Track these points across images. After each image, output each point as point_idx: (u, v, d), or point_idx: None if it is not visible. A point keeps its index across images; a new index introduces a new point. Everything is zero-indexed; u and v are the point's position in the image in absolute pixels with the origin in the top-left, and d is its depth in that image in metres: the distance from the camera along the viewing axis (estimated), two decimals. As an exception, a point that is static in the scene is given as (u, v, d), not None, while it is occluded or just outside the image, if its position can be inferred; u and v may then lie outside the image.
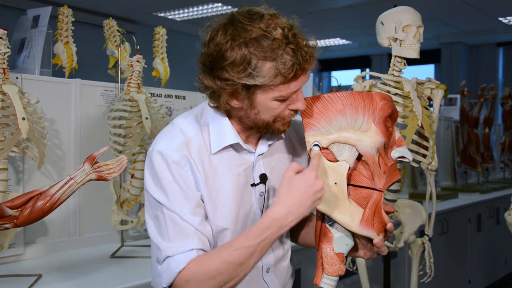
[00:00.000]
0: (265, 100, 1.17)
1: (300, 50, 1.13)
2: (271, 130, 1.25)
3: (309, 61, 1.15)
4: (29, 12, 2.36)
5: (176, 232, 1.20)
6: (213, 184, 1.25)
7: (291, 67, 1.11)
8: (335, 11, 7.51)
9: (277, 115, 1.21)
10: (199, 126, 1.28)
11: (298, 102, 1.20)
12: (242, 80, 1.13)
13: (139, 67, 2.22)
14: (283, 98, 1.17)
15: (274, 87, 1.14)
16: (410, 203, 2.26)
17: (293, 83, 1.15)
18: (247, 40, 1.11)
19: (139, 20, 7.89)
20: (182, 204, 1.21)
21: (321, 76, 11.22)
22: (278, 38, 1.11)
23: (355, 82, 2.14)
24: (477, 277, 4.26)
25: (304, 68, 1.14)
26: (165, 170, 1.22)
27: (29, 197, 1.51)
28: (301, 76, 1.15)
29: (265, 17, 1.14)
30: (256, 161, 1.31)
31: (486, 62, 10.04)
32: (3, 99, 1.77)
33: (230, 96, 1.18)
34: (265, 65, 1.11)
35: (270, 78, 1.12)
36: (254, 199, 1.31)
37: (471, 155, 4.80)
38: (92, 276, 1.89)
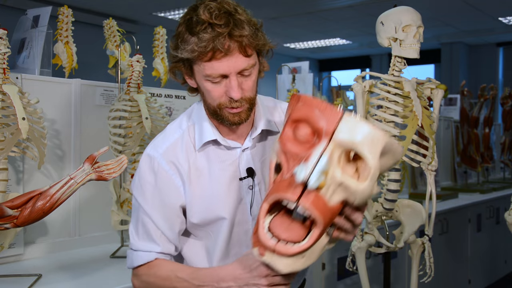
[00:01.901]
0: (200, 79, 1.23)
1: (221, 32, 1.16)
2: (222, 119, 1.27)
3: (229, 43, 1.17)
4: (29, 12, 2.36)
5: (144, 233, 1.33)
6: (200, 180, 1.31)
7: (206, 43, 1.16)
8: (335, 11, 7.51)
9: (217, 99, 1.24)
10: (187, 125, 1.35)
11: (231, 89, 1.21)
12: (176, 52, 1.23)
13: (139, 67, 2.22)
14: (210, 78, 1.20)
15: (198, 64, 1.20)
16: (410, 203, 2.25)
17: (215, 63, 1.18)
18: (188, 19, 1.20)
19: (139, 20, 7.89)
20: (157, 210, 1.31)
21: (321, 76, 11.22)
22: (203, 18, 1.17)
23: (355, 82, 2.14)
24: (477, 277, 4.25)
25: (223, 50, 1.16)
26: (148, 173, 1.31)
27: (29, 197, 1.51)
28: (223, 58, 1.18)
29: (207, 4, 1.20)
30: (242, 155, 1.33)
31: (486, 62, 10.04)
32: (3, 99, 1.77)
33: (179, 72, 1.28)
34: (189, 39, 1.19)
35: (190, 51, 1.18)
36: (244, 193, 1.34)
37: (471, 155, 4.80)
38: (92, 276, 1.89)
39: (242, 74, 1.22)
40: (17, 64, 2.30)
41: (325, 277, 2.71)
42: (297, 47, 10.26)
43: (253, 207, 1.33)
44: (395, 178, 2.16)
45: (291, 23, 8.16)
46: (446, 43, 9.86)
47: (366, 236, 2.24)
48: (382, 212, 2.23)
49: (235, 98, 1.22)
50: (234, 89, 1.21)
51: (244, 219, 1.34)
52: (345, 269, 2.43)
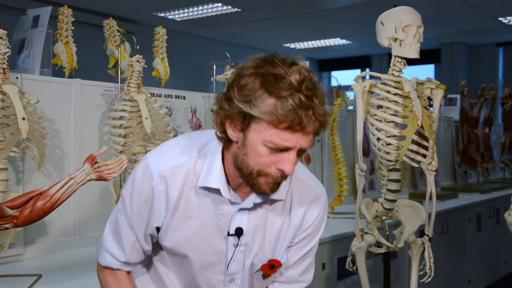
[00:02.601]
0: (255, 140, 1.12)
1: (308, 105, 1.07)
2: (252, 184, 1.18)
3: (313, 121, 1.08)
4: (29, 12, 2.36)
5: (117, 235, 1.32)
6: (183, 212, 1.27)
7: (289, 112, 1.06)
8: (335, 11, 7.51)
9: (262, 166, 1.15)
10: (197, 154, 1.27)
11: (286, 162, 1.13)
12: (241, 104, 1.10)
13: (139, 67, 2.22)
14: (272, 145, 1.10)
15: (267, 126, 1.09)
16: (410, 203, 2.26)
17: (287, 134, 1.09)
18: (266, 73, 1.10)
19: (139, 20, 7.89)
20: (136, 217, 1.29)
21: (321, 76, 11.22)
22: (292, 82, 1.08)
23: (355, 82, 2.14)
24: (477, 277, 4.25)
25: (303, 124, 1.08)
26: (140, 183, 1.27)
27: (29, 197, 1.51)
28: (298, 132, 1.09)
29: (295, 65, 1.11)
30: (238, 213, 1.28)
31: (486, 62, 10.03)
32: (3, 99, 1.77)
33: (227, 120, 1.15)
34: (268, 99, 1.08)
35: (265, 113, 1.08)
36: (226, 247, 1.31)
37: (471, 155, 4.80)
38: (92, 276, 1.89)
39: (301, 151, 1.14)
40: (17, 64, 2.30)
41: (325, 277, 2.71)
42: (297, 47, 10.26)
43: (231, 263, 1.32)
44: (395, 178, 2.16)
45: (291, 23, 8.16)
46: (446, 43, 9.85)
47: (366, 236, 2.24)
48: (382, 212, 2.23)
49: (287, 173, 1.14)
50: (291, 165, 1.13)
51: (219, 269, 1.34)
52: (345, 269, 2.43)
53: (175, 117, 2.69)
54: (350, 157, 3.78)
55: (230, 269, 1.33)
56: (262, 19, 7.87)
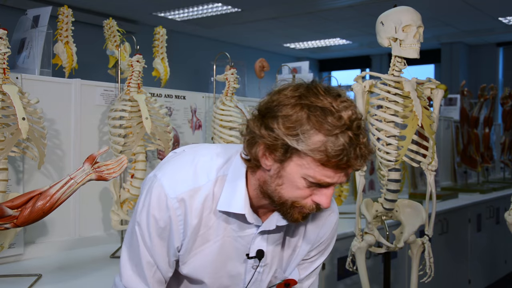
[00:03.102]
0: (294, 173, 1.07)
1: (357, 143, 1.04)
2: (284, 213, 1.15)
3: (359, 159, 1.05)
4: (29, 12, 2.36)
5: (138, 267, 1.23)
6: (201, 236, 1.22)
7: (339, 151, 1.02)
8: (335, 11, 7.51)
9: (298, 198, 1.11)
10: (216, 175, 1.20)
11: (324, 197, 1.10)
12: (286, 137, 1.04)
13: (139, 67, 2.22)
14: (313, 180, 1.06)
15: (310, 162, 1.04)
16: (410, 203, 2.26)
17: (331, 171, 1.05)
18: (312, 105, 1.04)
19: (139, 20, 7.89)
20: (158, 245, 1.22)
21: (321, 76, 11.22)
22: (343, 118, 1.03)
23: (355, 82, 2.14)
24: (477, 277, 4.25)
25: (350, 163, 1.04)
26: (157, 209, 1.19)
27: (29, 197, 1.51)
28: (343, 170, 1.06)
29: (341, 97, 1.07)
30: (258, 235, 1.24)
31: (486, 62, 10.03)
32: (3, 99, 1.77)
33: (266, 150, 1.09)
34: (316, 135, 1.03)
35: (313, 150, 1.02)
36: (244, 269, 1.28)
37: (471, 155, 4.80)
38: (92, 276, 1.89)
39: None
40: (17, 64, 2.30)
41: (325, 277, 2.71)
42: (297, 47, 10.26)
43: (249, 286, 1.29)
44: (395, 178, 2.16)
45: (291, 23, 8.16)
46: (446, 43, 9.86)
47: (366, 236, 2.24)
48: (382, 212, 2.23)
49: (324, 207, 1.12)
50: (328, 199, 1.10)
51: None
52: (345, 269, 2.43)
53: (175, 117, 2.69)
54: (350, 157, 3.77)
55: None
56: (262, 19, 7.87)
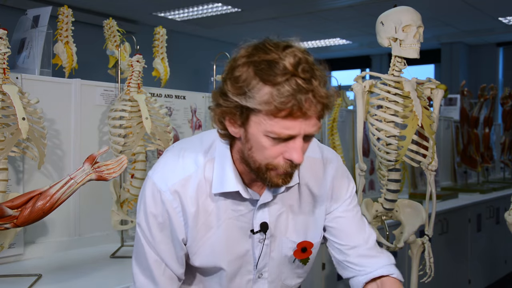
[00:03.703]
0: (257, 133, 1.06)
1: (308, 88, 1.01)
2: (263, 179, 1.13)
3: (314, 104, 1.02)
4: (29, 12, 2.36)
5: (147, 268, 1.24)
6: (203, 223, 1.23)
7: (287, 99, 1.00)
8: (335, 11, 7.51)
9: (269, 159, 1.09)
10: (204, 160, 1.21)
11: (293, 151, 1.06)
12: (236, 97, 1.05)
13: (139, 67, 2.22)
14: (274, 135, 1.04)
15: (266, 117, 1.03)
16: (410, 203, 2.25)
17: (288, 122, 1.02)
18: (259, 60, 1.04)
19: (139, 20, 7.89)
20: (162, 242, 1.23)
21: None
22: (286, 66, 1.01)
23: (355, 82, 2.14)
24: (477, 277, 4.25)
25: (304, 109, 1.01)
26: (153, 206, 1.21)
27: (29, 197, 1.51)
28: (299, 118, 1.02)
29: (291, 48, 1.05)
30: (258, 209, 1.24)
31: (486, 62, 10.03)
32: (3, 99, 1.77)
33: (228, 117, 1.10)
34: (263, 89, 1.02)
35: (262, 103, 1.01)
36: (251, 245, 1.27)
37: (471, 155, 4.80)
38: (92, 276, 1.89)
39: (307, 136, 1.08)
40: (17, 64, 2.30)
41: (325, 277, 2.71)
42: (297, 47, 10.26)
43: (260, 260, 1.28)
44: (395, 178, 2.16)
45: (291, 23, 8.15)
46: (446, 43, 9.85)
47: (366, 236, 2.24)
48: (382, 212, 2.23)
49: (296, 162, 1.07)
50: (298, 152, 1.06)
51: (247, 270, 1.29)
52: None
53: (175, 117, 2.69)
54: (350, 157, 3.78)
55: (259, 266, 1.28)
56: (262, 19, 7.86)
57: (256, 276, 1.30)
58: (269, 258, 1.29)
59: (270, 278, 1.31)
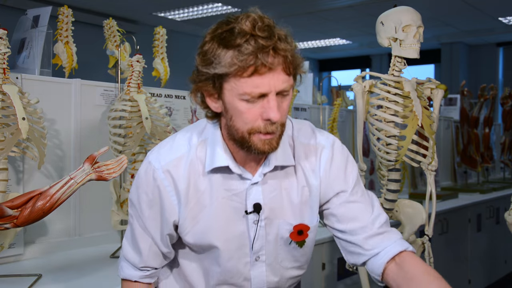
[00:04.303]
0: (232, 99, 1.12)
1: (266, 45, 1.07)
2: (248, 147, 1.16)
3: (275, 58, 1.08)
4: (29, 12, 2.36)
5: (133, 241, 1.33)
6: (199, 203, 1.25)
7: (249, 57, 1.06)
8: (335, 11, 7.51)
9: (249, 123, 1.13)
10: (197, 141, 1.26)
11: (269, 110, 1.10)
12: (206, 68, 1.12)
13: (139, 67, 2.22)
14: (247, 96, 1.10)
15: (235, 80, 1.09)
16: (410, 203, 2.25)
17: (256, 79, 1.08)
18: (221, 31, 1.11)
19: (139, 20, 7.89)
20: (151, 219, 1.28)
21: (321, 76, 11.22)
22: (244, 29, 1.08)
23: (355, 82, 2.14)
24: (477, 277, 4.25)
25: (268, 64, 1.07)
26: (145, 182, 1.27)
27: (29, 197, 1.51)
28: (266, 74, 1.08)
29: (248, 14, 1.12)
30: (251, 189, 1.26)
31: (486, 62, 10.04)
32: (3, 99, 1.77)
33: (205, 93, 1.17)
34: (226, 54, 1.09)
35: (227, 66, 1.08)
36: (246, 226, 1.28)
37: (471, 155, 4.80)
38: (92, 276, 1.89)
39: (281, 94, 1.12)
40: (17, 64, 2.30)
41: (325, 277, 2.71)
42: (297, 47, 10.26)
43: (255, 242, 1.28)
44: (395, 178, 2.16)
45: (291, 23, 8.09)
46: (446, 43, 9.86)
47: (366, 236, 2.24)
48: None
49: (273, 119, 1.11)
50: (274, 109, 1.10)
51: (244, 252, 1.30)
52: (345, 269, 2.43)
53: (175, 117, 2.69)
54: (350, 157, 3.77)
55: (255, 248, 1.29)
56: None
57: (254, 259, 1.31)
58: (266, 241, 1.30)
59: (268, 261, 1.32)
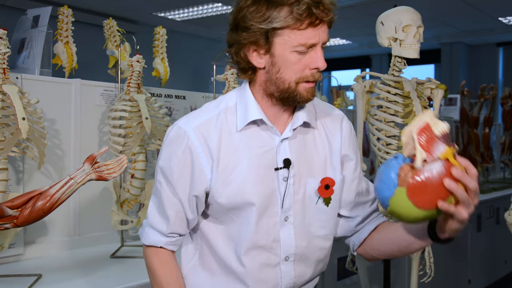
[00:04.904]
0: (284, 51, 1.20)
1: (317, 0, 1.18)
2: (293, 96, 1.25)
3: (325, 11, 1.19)
4: (29, 12, 2.36)
5: (160, 207, 1.33)
6: (232, 161, 1.28)
7: (306, 8, 1.16)
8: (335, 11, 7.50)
9: (298, 73, 1.22)
10: (225, 106, 1.32)
11: (317, 59, 1.22)
12: (261, 24, 1.19)
13: (139, 67, 2.22)
14: (301, 48, 1.19)
15: (290, 33, 1.18)
16: (410, 203, 2.25)
17: (310, 30, 1.19)
18: None
19: (139, 20, 7.89)
20: (180, 183, 1.29)
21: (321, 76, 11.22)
22: None
23: (355, 82, 2.14)
24: (477, 277, 4.26)
25: (320, 16, 1.18)
26: (176, 145, 1.29)
27: (29, 197, 1.51)
28: (318, 25, 1.19)
29: None
30: (281, 145, 1.30)
31: (486, 62, 10.04)
32: (3, 99, 1.77)
33: (252, 49, 1.23)
34: (282, 10, 1.17)
35: (285, 20, 1.17)
36: (277, 183, 1.29)
37: (471, 155, 4.80)
38: (92, 276, 1.89)
39: (322, 46, 1.24)
40: (17, 64, 2.31)
41: (325, 277, 2.71)
42: (297, 47, 10.26)
43: (285, 199, 1.30)
44: (395, 178, 2.15)
45: (291, 23, 8.15)
46: (446, 43, 9.86)
47: (366, 236, 2.24)
48: (382, 212, 2.23)
49: (321, 68, 1.23)
50: (322, 59, 1.22)
51: (274, 211, 1.30)
52: (345, 269, 2.43)
53: (175, 117, 2.69)
54: (350, 157, 3.77)
55: (284, 206, 1.30)
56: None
57: (283, 219, 1.31)
58: (294, 200, 1.32)
59: (296, 222, 1.33)
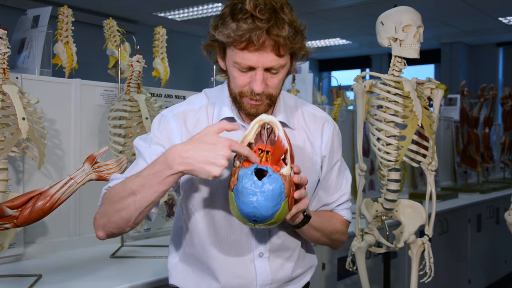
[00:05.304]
0: (229, 63, 1.27)
1: (261, 26, 1.18)
2: (241, 107, 1.31)
3: (267, 40, 1.19)
4: (29, 12, 2.36)
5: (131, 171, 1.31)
6: None
7: (243, 33, 1.19)
8: (335, 11, 7.51)
9: (239, 87, 1.27)
10: (206, 101, 1.40)
11: (254, 83, 1.25)
12: (214, 32, 1.27)
13: (139, 67, 2.22)
14: (238, 66, 1.24)
15: (232, 48, 1.23)
16: (410, 203, 2.25)
17: (247, 54, 1.21)
18: (234, 3, 1.23)
19: (139, 20, 7.89)
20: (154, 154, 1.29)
21: (321, 76, 11.22)
22: (246, 8, 1.20)
23: (355, 82, 2.14)
24: (477, 277, 4.26)
25: (257, 44, 1.19)
26: (156, 125, 1.36)
27: (29, 197, 1.52)
28: (256, 52, 1.20)
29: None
30: None
31: (486, 62, 10.04)
32: (3, 99, 1.77)
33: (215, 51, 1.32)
34: (230, 24, 1.22)
35: (226, 35, 1.22)
36: None
37: (471, 155, 4.80)
38: (92, 276, 1.89)
39: (270, 71, 1.25)
40: (17, 64, 2.30)
41: (325, 277, 2.71)
42: (297, 47, 10.25)
43: None
44: (395, 178, 2.16)
45: (291, 23, 8.14)
46: (446, 43, 9.86)
47: (366, 236, 2.24)
48: (382, 212, 2.23)
49: (255, 91, 1.25)
50: (257, 83, 1.24)
51: None
52: (345, 269, 2.43)
53: (175, 117, 2.69)
54: (350, 157, 3.78)
55: None
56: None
57: None
58: None
59: None
